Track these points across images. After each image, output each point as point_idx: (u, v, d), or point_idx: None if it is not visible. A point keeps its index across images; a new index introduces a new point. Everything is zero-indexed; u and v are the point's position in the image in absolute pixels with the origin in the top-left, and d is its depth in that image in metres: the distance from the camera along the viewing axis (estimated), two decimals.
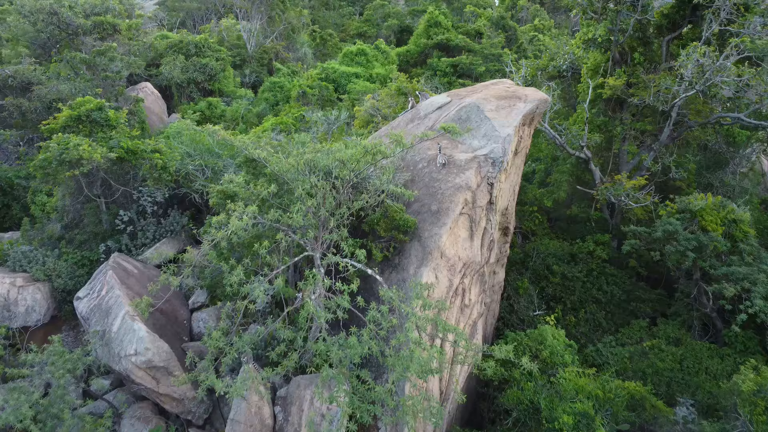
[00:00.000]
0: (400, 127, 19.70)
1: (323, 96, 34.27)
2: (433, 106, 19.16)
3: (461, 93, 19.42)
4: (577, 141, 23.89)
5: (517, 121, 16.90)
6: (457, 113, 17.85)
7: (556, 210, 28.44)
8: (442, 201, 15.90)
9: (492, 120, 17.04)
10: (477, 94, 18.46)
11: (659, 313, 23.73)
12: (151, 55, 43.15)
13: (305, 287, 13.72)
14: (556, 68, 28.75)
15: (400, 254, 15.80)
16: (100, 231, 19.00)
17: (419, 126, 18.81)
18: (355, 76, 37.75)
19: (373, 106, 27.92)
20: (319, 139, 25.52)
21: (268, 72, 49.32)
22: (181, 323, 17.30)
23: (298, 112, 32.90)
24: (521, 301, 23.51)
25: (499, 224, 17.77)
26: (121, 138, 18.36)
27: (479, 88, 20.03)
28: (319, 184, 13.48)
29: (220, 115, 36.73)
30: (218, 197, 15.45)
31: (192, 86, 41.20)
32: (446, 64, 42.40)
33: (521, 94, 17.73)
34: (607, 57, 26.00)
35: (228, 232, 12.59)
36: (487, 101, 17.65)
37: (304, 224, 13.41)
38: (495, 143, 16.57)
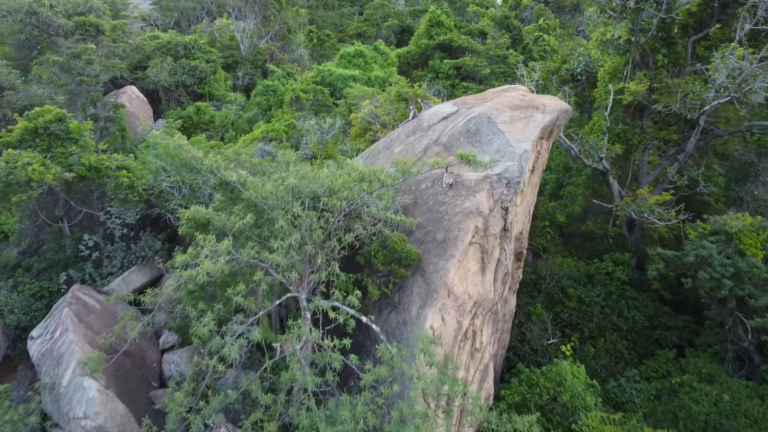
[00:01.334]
0: (400, 140, 17.49)
1: (318, 101, 32.07)
2: (438, 116, 16.94)
3: (469, 101, 17.20)
4: (595, 152, 21.66)
5: (535, 135, 14.68)
6: (465, 125, 15.63)
7: (569, 225, 26.23)
8: (449, 229, 13.69)
9: (506, 134, 14.82)
10: (487, 103, 16.24)
11: (686, 342, 21.55)
12: (138, 57, 40.96)
13: (289, 334, 11.52)
14: (569, 71, 26.54)
15: (401, 291, 13.61)
16: (61, 258, 16.81)
17: (422, 139, 16.60)
18: (353, 79, 35.54)
19: (371, 112, 25.71)
20: (311, 149, 23.33)
21: (262, 74, 47.14)
22: (150, 366, 15.09)
23: (291, 118, 30.68)
24: (534, 329, 21.30)
25: (512, 250, 15.56)
26: (84, 153, 16.16)
27: (489, 95, 17.80)
28: (304, 214, 11.26)
29: (209, 121, 34.55)
30: (188, 225, 13.23)
31: (181, 90, 39.02)
32: (449, 66, 40.20)
33: (538, 104, 15.51)
34: (626, 59, 23.78)
35: (196, 275, 10.42)
36: (499, 111, 15.43)
37: (285, 263, 11.22)
38: (510, 160, 14.35)
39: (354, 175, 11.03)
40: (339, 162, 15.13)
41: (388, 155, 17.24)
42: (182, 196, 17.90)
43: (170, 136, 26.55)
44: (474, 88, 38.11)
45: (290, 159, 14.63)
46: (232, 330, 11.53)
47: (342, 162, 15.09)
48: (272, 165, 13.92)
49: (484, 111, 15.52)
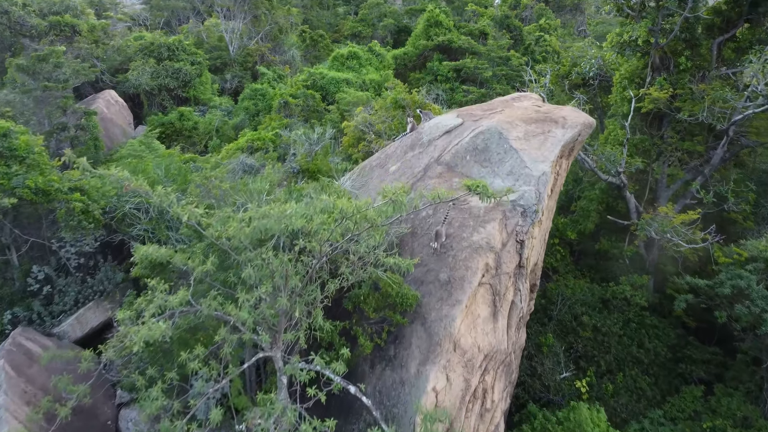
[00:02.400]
0: (396, 157, 15.30)
1: (309, 106, 29.85)
2: (440, 129, 14.76)
3: (475, 112, 15.02)
4: (613, 166, 19.50)
5: (554, 155, 12.51)
6: (472, 141, 13.44)
7: (581, 243, 24.07)
8: (454, 267, 11.51)
9: (520, 152, 12.65)
10: (497, 115, 14.06)
11: (714, 377, 19.46)
12: (120, 59, 38.70)
13: (258, 407, 9.33)
14: (580, 75, 24.38)
15: (398, 342, 11.43)
16: (7, 293, 14.59)
17: (421, 156, 14.41)
18: (346, 82, 33.32)
19: (364, 120, 23.51)
20: (298, 162, 21.12)
21: (252, 76, 44.90)
22: (104, 425, 12.86)
23: (279, 125, 28.45)
24: (545, 363, 19.13)
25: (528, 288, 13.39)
26: (32, 173, 13.95)
27: (497, 105, 15.62)
28: (276, 261, 9.06)
29: (192, 128, 32.27)
30: (143, 266, 11.03)
31: (164, 94, 36.75)
32: (448, 69, 38.03)
33: (557, 117, 13.34)
34: (644, 62, 21.64)
35: (131, 344, 8.23)
36: (512, 125, 13.25)
37: (254, 319, 9.04)
38: (526, 185, 12.18)
39: (335, 215, 8.81)
40: (323, 185, 12.94)
41: (382, 175, 15.06)
42: (149, 219, 15.67)
43: (146, 146, 24.36)
44: (475, 91, 35.95)
45: (267, 183, 12.37)
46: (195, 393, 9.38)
47: (326, 185, 12.90)
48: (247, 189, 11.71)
49: (494, 125, 13.34)
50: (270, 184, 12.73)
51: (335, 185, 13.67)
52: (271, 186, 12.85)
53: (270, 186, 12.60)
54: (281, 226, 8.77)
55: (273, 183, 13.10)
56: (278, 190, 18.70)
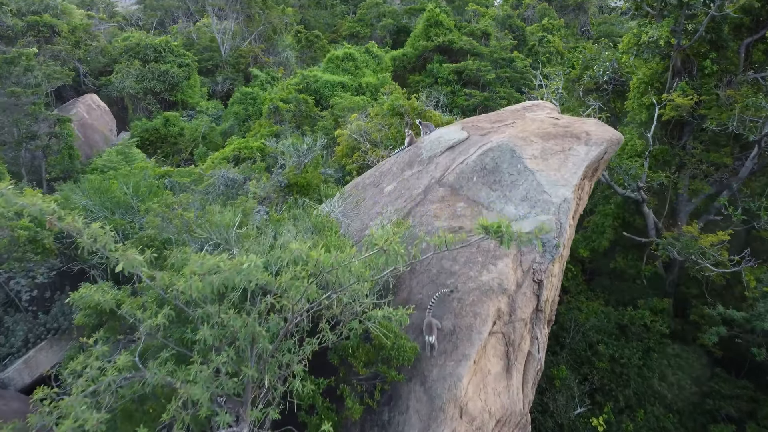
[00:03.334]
0: (392, 175, 13.44)
1: (301, 112, 27.99)
2: (442, 144, 12.89)
3: (483, 125, 13.15)
4: (632, 180, 17.65)
5: (578, 177, 10.65)
6: (480, 159, 11.57)
7: (594, 261, 22.23)
8: (460, 313, 9.65)
9: (537, 173, 10.78)
10: (509, 129, 12.19)
11: (746, 414, 17.63)
12: (104, 61, 36.86)
13: None
14: (593, 79, 22.51)
15: (393, 405, 9.57)
16: None
17: (421, 175, 12.54)
18: (341, 86, 31.46)
19: (359, 128, 21.66)
20: (285, 175, 19.25)
21: (244, 79, 43.06)
22: None
23: (268, 132, 26.60)
24: (558, 398, 17.27)
25: (547, 334, 11.52)
26: None
27: (507, 115, 13.75)
28: (239, 321, 7.20)
29: (178, 135, 30.40)
30: (86, 314, 9.18)
31: (150, 97, 34.89)
32: (449, 71, 36.19)
33: (579, 132, 11.47)
34: (664, 66, 19.79)
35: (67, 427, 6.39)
36: (526, 142, 11.38)
37: (210, 394, 7.18)
38: (544, 213, 10.32)
39: (309, 268, 6.91)
40: (302, 215, 11.05)
41: (377, 195, 13.20)
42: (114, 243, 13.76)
43: (124, 156, 22.49)
44: (477, 95, 34.11)
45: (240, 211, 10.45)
46: None
47: (306, 212, 11.02)
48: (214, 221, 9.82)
49: (506, 141, 11.47)
50: (244, 212, 10.85)
51: (321, 214, 11.81)
52: (246, 214, 10.97)
53: (244, 214, 10.72)
54: (258, 276, 6.91)
55: (248, 210, 11.21)
56: (259, 211, 16.82)
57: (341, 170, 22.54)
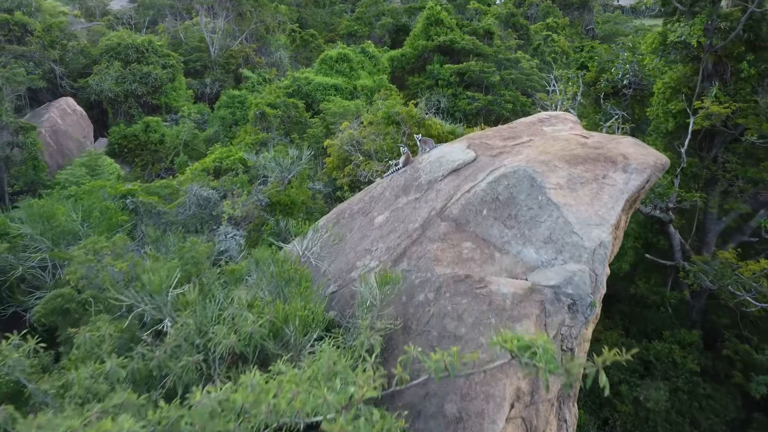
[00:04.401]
0: (384, 201, 11.24)
1: (290, 117, 25.78)
2: (444, 166, 10.69)
3: (493, 142, 10.93)
4: (661, 200, 15.46)
5: (615, 213, 8.45)
6: (491, 188, 9.36)
7: (613, 285, 20.01)
8: (468, 394, 7.43)
9: (563, 208, 8.57)
10: (525, 150, 9.97)
11: None
12: (83, 62, 34.68)
13: None
14: (610, 83, 20.30)
15: None
16: None
17: (419, 205, 10.34)
18: (335, 89, 29.25)
19: (350, 137, 19.47)
20: (267, 192, 17.08)
21: (234, 80, 40.89)
22: None
23: (253, 141, 24.42)
24: None
25: (575, 414, 9.31)
26: None
27: (521, 129, 11.55)
28: None
29: (159, 141, 28.21)
30: None
31: (131, 101, 32.68)
32: (450, 72, 33.93)
33: (614, 155, 9.25)
34: (694, 68, 17.60)
35: None
36: (548, 167, 9.17)
37: None
38: (574, 260, 8.11)
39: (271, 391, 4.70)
40: (273, 256, 8.83)
41: (365, 227, 11.01)
42: (54, 280, 11.63)
43: (90, 169, 20.32)
44: (481, 98, 31.89)
45: (179, 267, 8.22)
46: None
47: (276, 256, 8.79)
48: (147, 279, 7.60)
49: (523, 165, 9.26)
50: (194, 261, 8.65)
51: (295, 253, 9.65)
52: (197, 262, 8.76)
53: (194, 263, 8.51)
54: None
55: (200, 256, 8.99)
56: (235, 236, 14.69)
57: (332, 184, 20.36)
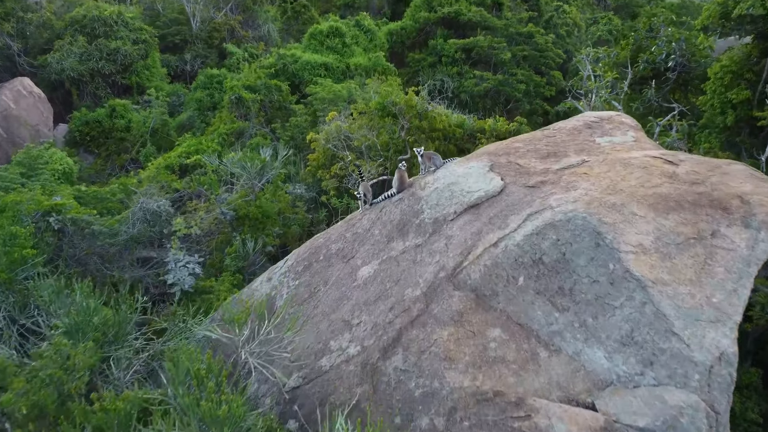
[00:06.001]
0: (372, 244, 8.01)
1: (272, 102, 22.37)
2: (456, 198, 7.44)
3: (528, 162, 7.62)
4: None
5: (742, 301, 5.23)
6: (531, 243, 6.13)
7: None
8: None
9: (649, 285, 5.35)
10: (581, 181, 6.65)
11: None
12: (45, 36, 31.03)
13: None
14: (650, 65, 16.87)
15: None
16: None
17: (420, 257, 7.13)
18: (325, 68, 25.71)
19: (337, 130, 16.16)
20: (233, 202, 13.87)
21: (218, 56, 37.13)
22: None
23: (228, 130, 21.09)
24: None
25: None
26: None
27: (565, 140, 8.24)
28: None
29: (125, 128, 24.85)
30: None
31: (98, 81, 29.15)
32: (455, 48, 30.30)
33: (725, 195, 5.98)
34: (760, 49, 14.21)
35: None
36: (622, 215, 5.91)
37: None
38: (676, 384, 4.94)
39: None
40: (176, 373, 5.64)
41: (345, 278, 7.81)
42: None
43: (28, 169, 17.10)
44: (490, 78, 28.38)
45: None
46: None
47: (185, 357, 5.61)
48: None
49: (579, 211, 6.01)
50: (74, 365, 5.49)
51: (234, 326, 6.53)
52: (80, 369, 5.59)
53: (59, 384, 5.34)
54: None
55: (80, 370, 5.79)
56: (188, 264, 11.59)
57: (316, 185, 17.11)
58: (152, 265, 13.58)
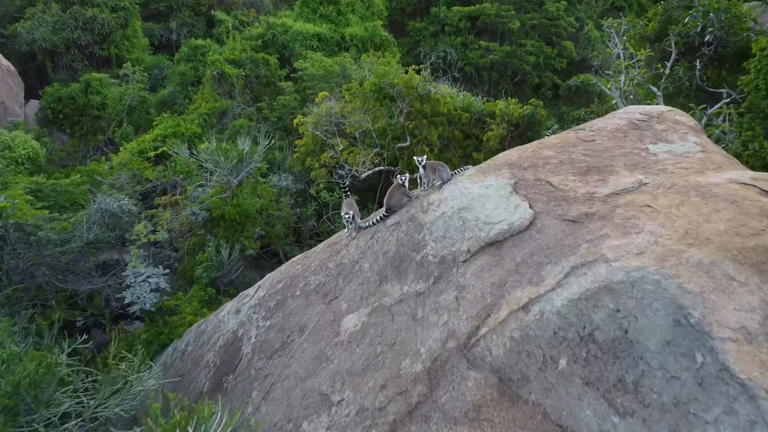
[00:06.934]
0: (359, 282, 6.25)
1: (258, 78, 20.35)
2: (469, 230, 5.65)
3: (562, 181, 5.82)
4: None
5: None
6: (577, 311, 4.37)
7: None
8: None
9: (763, 401, 3.61)
10: (645, 220, 4.84)
11: None
12: (18, 3, 28.78)
13: None
14: (683, 38, 14.82)
15: None
16: None
17: (423, 317, 5.38)
18: (318, 39, 23.57)
19: (327, 113, 14.27)
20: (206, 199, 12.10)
21: (206, 25, 34.79)
22: None
23: (210, 109, 19.16)
24: None
25: None
26: None
27: (609, 148, 6.40)
28: None
29: (101, 105, 22.87)
30: None
31: (74, 52, 27.02)
32: (459, 16, 28.04)
33: None
34: None
35: None
36: (711, 278, 4.15)
37: None
38: None
39: None
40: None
41: (324, 330, 6.09)
42: None
43: None
44: (497, 49, 26.24)
45: None
46: None
47: None
48: None
49: (649, 270, 4.24)
50: None
51: None
52: None
53: None
54: None
55: None
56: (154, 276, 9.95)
57: (305, 175, 15.30)
58: (115, 272, 11.90)
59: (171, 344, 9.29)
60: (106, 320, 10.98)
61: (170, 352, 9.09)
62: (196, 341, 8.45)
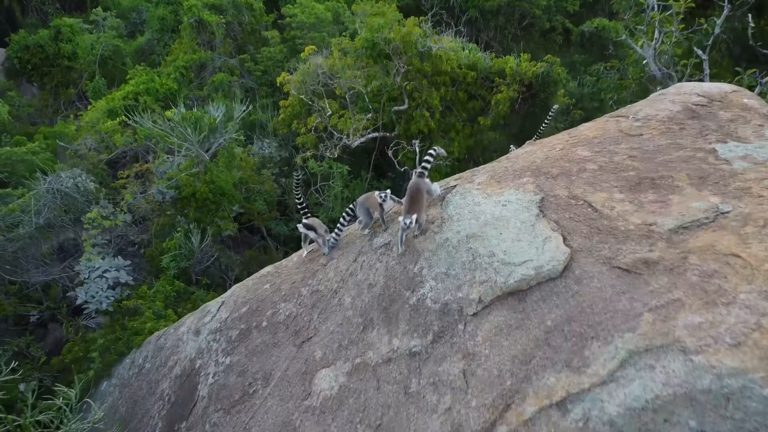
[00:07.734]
0: (336, 323, 4.89)
1: (241, 26, 18.33)
2: (482, 267, 4.23)
3: (604, 199, 4.34)
4: None
5: None
6: (640, 425, 3.01)
7: None
8: None
9: None
10: (741, 285, 3.43)
11: None
12: None
13: None
14: None
15: None
16: None
17: (419, 392, 4.03)
18: None
19: (315, 73, 12.58)
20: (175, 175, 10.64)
21: None
22: None
23: (188, 62, 17.31)
24: None
25: None
26: None
27: (658, 138, 4.89)
28: None
29: (72, 55, 20.92)
30: None
31: None
32: None
33: None
34: None
35: None
36: None
37: None
38: None
39: None
40: None
41: (293, 381, 4.77)
42: None
43: None
44: None
45: None
46: None
47: None
48: None
49: (753, 376, 2.85)
50: None
51: None
52: None
53: None
54: None
55: None
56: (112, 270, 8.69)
57: (291, 139, 13.73)
58: (75, 256, 10.56)
59: (129, 354, 8.07)
60: (63, 314, 9.72)
61: (128, 364, 7.89)
62: (154, 358, 7.23)
